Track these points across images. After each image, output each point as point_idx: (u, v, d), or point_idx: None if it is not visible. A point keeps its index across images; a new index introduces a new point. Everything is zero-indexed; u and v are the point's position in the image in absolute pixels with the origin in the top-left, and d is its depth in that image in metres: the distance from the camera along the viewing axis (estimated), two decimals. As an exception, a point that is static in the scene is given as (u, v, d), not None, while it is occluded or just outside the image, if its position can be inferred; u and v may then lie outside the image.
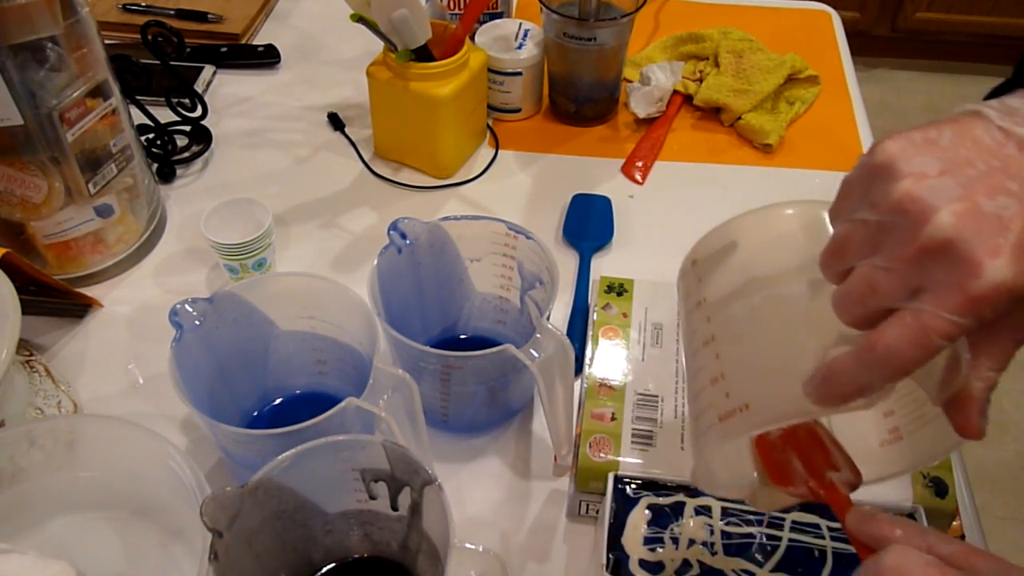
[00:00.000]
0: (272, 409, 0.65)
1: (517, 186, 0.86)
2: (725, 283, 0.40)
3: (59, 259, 0.73)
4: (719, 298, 0.41)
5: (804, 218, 0.39)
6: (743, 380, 0.38)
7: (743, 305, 0.39)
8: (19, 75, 0.62)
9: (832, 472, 0.40)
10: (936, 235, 0.31)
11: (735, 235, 0.41)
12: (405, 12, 0.74)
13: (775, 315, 0.38)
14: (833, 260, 0.35)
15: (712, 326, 0.41)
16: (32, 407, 0.63)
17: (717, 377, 0.39)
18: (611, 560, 0.50)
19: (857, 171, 0.34)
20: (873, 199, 0.33)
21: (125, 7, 1.03)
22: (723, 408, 0.38)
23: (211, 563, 0.43)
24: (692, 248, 0.44)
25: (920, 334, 0.31)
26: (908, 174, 0.32)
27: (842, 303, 0.34)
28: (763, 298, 0.38)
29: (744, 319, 0.39)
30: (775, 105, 0.93)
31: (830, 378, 0.34)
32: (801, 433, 0.41)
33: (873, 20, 2.37)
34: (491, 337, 0.70)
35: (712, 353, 0.40)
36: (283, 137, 0.91)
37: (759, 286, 0.39)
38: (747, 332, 0.39)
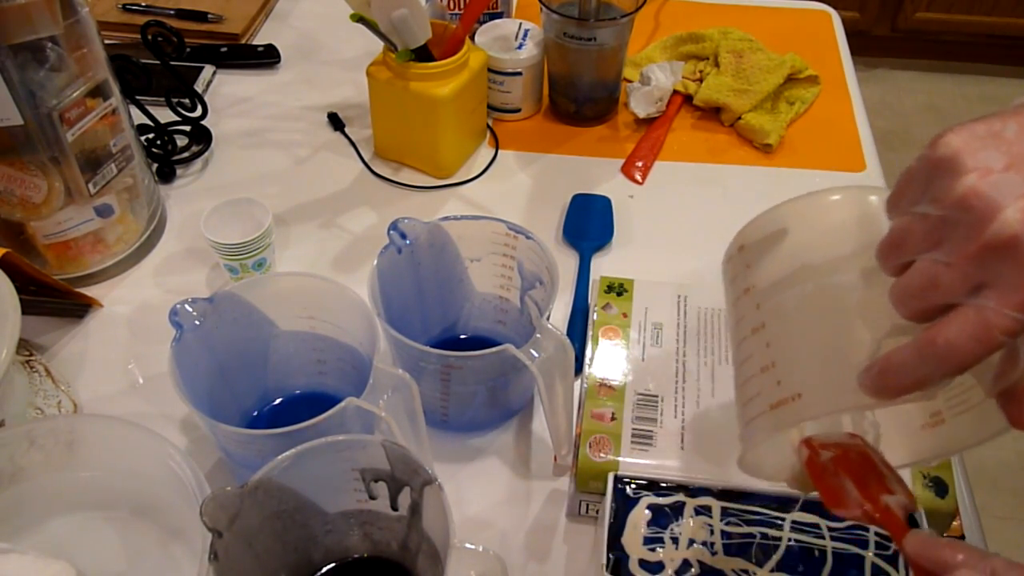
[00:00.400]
0: (272, 409, 0.65)
1: (517, 186, 0.86)
2: (775, 270, 0.40)
3: (59, 259, 0.73)
4: (769, 285, 0.40)
5: (856, 205, 0.39)
6: (795, 369, 0.38)
7: (794, 293, 0.39)
8: (19, 75, 0.62)
9: (887, 496, 0.39)
10: (1002, 233, 0.30)
11: (785, 221, 0.41)
12: (405, 12, 0.74)
13: (828, 304, 0.38)
14: (892, 253, 0.35)
15: (762, 313, 0.40)
16: (32, 407, 0.63)
17: (768, 365, 0.39)
18: (611, 560, 0.50)
19: (918, 163, 0.34)
20: (935, 193, 0.32)
21: (125, 7, 1.03)
22: (774, 397, 0.38)
23: (211, 563, 0.43)
24: (738, 233, 0.43)
25: (982, 330, 0.31)
26: (972, 169, 0.31)
27: (901, 297, 0.34)
28: (815, 286, 0.38)
29: (795, 307, 0.39)
30: (775, 105, 0.93)
31: (888, 370, 0.34)
32: (853, 455, 0.41)
33: (873, 20, 2.37)
34: (491, 337, 0.70)
35: (762, 341, 0.40)
36: (283, 137, 0.91)
37: (811, 274, 0.38)
38: (798, 321, 0.39)
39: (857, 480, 0.40)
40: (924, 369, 0.33)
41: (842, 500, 0.40)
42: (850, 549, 0.50)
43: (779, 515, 0.52)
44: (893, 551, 0.50)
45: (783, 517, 0.52)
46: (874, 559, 0.50)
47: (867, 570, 0.49)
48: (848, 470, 0.40)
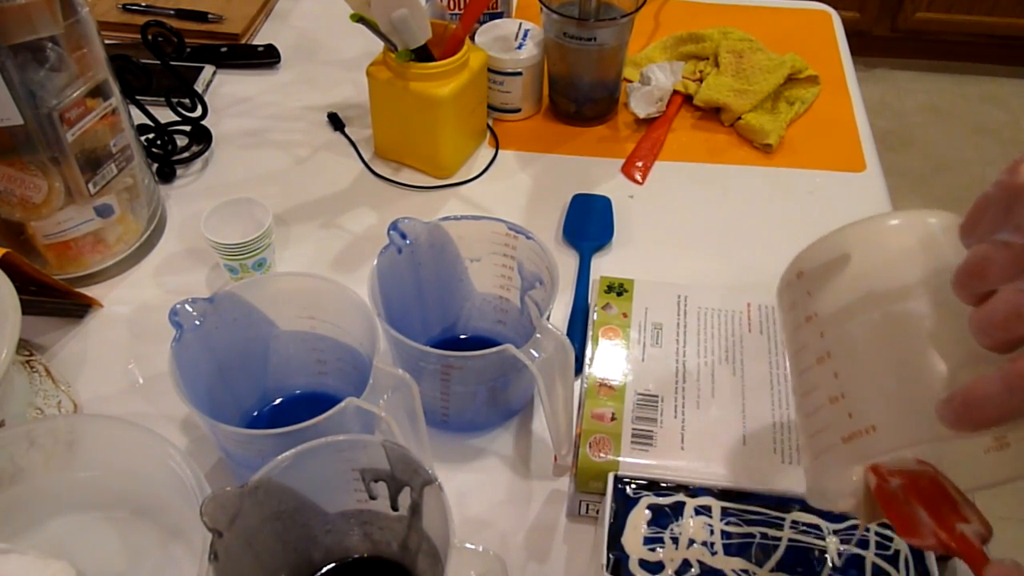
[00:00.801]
0: (272, 409, 0.65)
1: (517, 186, 0.86)
2: (839, 297, 0.39)
3: (59, 259, 0.73)
4: (833, 313, 0.39)
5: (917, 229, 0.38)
6: (867, 400, 0.37)
7: (861, 321, 0.38)
8: (19, 75, 0.62)
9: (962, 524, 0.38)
10: None
11: (846, 247, 0.40)
12: (405, 12, 0.74)
13: (898, 332, 0.37)
14: (971, 281, 0.34)
15: (827, 342, 0.39)
16: (32, 407, 0.63)
17: (837, 396, 0.38)
18: (611, 560, 0.50)
19: (996, 189, 0.33)
20: (1019, 221, 0.32)
21: (125, 7, 1.04)
22: (846, 429, 0.37)
23: (211, 563, 0.43)
24: (795, 259, 0.43)
25: None
26: None
27: (983, 327, 0.33)
28: (883, 314, 0.37)
29: (863, 336, 0.38)
30: (775, 105, 0.93)
31: (971, 403, 0.32)
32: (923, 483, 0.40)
33: (873, 20, 2.37)
34: (491, 337, 0.70)
35: (829, 371, 0.39)
36: (283, 137, 0.91)
37: (878, 301, 0.37)
38: (868, 350, 0.38)
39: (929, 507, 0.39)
40: (1012, 402, 0.31)
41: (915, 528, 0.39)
42: (850, 549, 0.50)
43: (779, 515, 0.52)
44: (893, 551, 0.50)
45: (783, 517, 0.52)
46: (874, 559, 0.50)
47: (867, 570, 0.49)
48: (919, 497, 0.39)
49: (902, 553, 0.50)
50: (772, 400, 0.58)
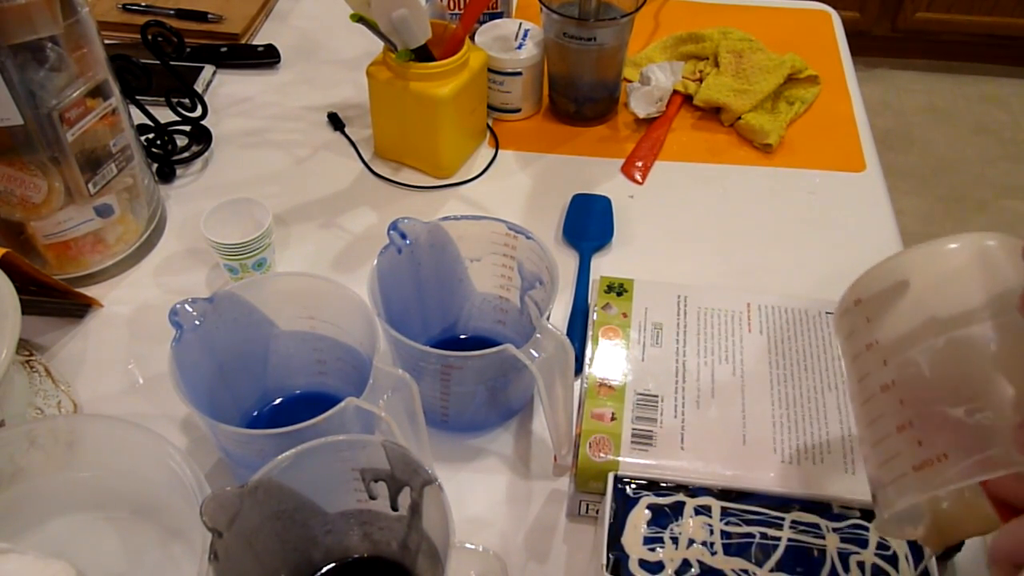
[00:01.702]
0: (272, 409, 0.65)
1: (517, 186, 0.86)
2: (901, 324, 0.39)
3: (59, 259, 0.73)
4: (895, 339, 0.39)
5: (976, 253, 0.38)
6: (936, 428, 0.37)
7: (926, 348, 0.38)
8: (19, 75, 0.62)
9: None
10: None
11: (904, 272, 0.40)
12: (405, 12, 0.74)
13: (964, 358, 0.36)
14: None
15: (890, 370, 0.39)
16: (32, 407, 0.63)
17: (904, 424, 0.38)
18: (611, 560, 0.50)
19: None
20: None
21: (125, 7, 1.04)
22: (917, 458, 0.37)
23: (211, 563, 0.43)
24: (852, 286, 0.42)
25: None
26: None
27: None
28: (947, 340, 0.37)
29: (928, 363, 0.37)
30: (775, 105, 0.93)
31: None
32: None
33: (873, 20, 2.37)
34: (491, 337, 0.70)
35: (894, 399, 0.39)
36: (283, 137, 0.91)
37: (941, 327, 0.37)
38: (933, 376, 0.37)
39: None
40: None
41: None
42: (850, 549, 0.50)
43: (779, 515, 0.52)
44: (893, 551, 0.50)
45: (783, 517, 0.52)
46: (874, 559, 0.50)
47: (867, 570, 0.49)
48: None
49: (902, 553, 0.50)
50: (772, 400, 0.58)
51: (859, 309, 0.42)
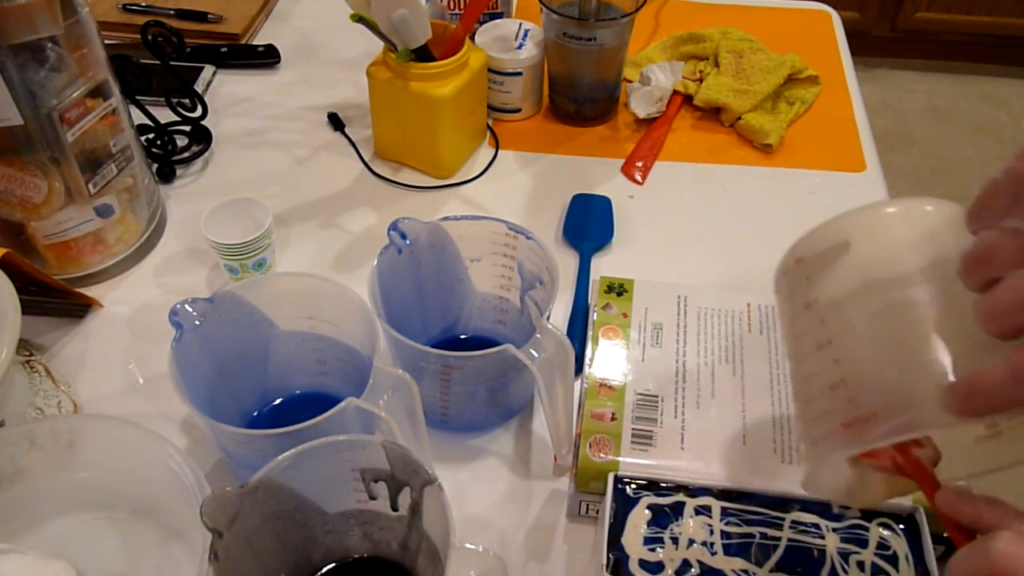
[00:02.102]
0: (272, 409, 0.65)
1: (517, 186, 0.86)
2: (839, 284, 0.39)
3: (59, 259, 0.73)
4: (833, 300, 0.39)
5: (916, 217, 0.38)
6: (868, 387, 0.37)
7: (863, 308, 0.38)
8: (19, 75, 0.62)
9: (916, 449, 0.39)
10: None
11: (847, 234, 0.40)
12: (405, 12, 0.74)
13: (900, 320, 0.37)
14: (978, 268, 0.34)
15: (828, 329, 0.39)
16: (32, 407, 0.63)
17: (837, 383, 0.38)
18: (611, 560, 0.50)
19: (1005, 176, 0.33)
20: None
21: (125, 7, 1.04)
22: (847, 415, 0.37)
23: (211, 563, 0.43)
24: (794, 246, 0.43)
25: None
26: None
27: (990, 314, 0.33)
28: (885, 301, 0.37)
29: (865, 323, 0.38)
30: (775, 105, 0.93)
31: (975, 392, 0.33)
32: None
33: (873, 20, 2.37)
34: (491, 337, 0.70)
35: (829, 358, 0.39)
36: (283, 137, 0.91)
37: (879, 288, 0.37)
38: (869, 337, 0.38)
39: None
40: (1017, 391, 0.31)
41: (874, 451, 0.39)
42: (850, 549, 0.50)
43: (779, 515, 0.52)
44: (893, 551, 0.50)
45: (783, 517, 0.52)
46: (874, 559, 0.50)
47: (867, 570, 0.49)
48: None
49: (902, 553, 0.50)
50: (772, 400, 0.58)
51: (800, 269, 0.42)
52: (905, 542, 0.50)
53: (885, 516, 0.52)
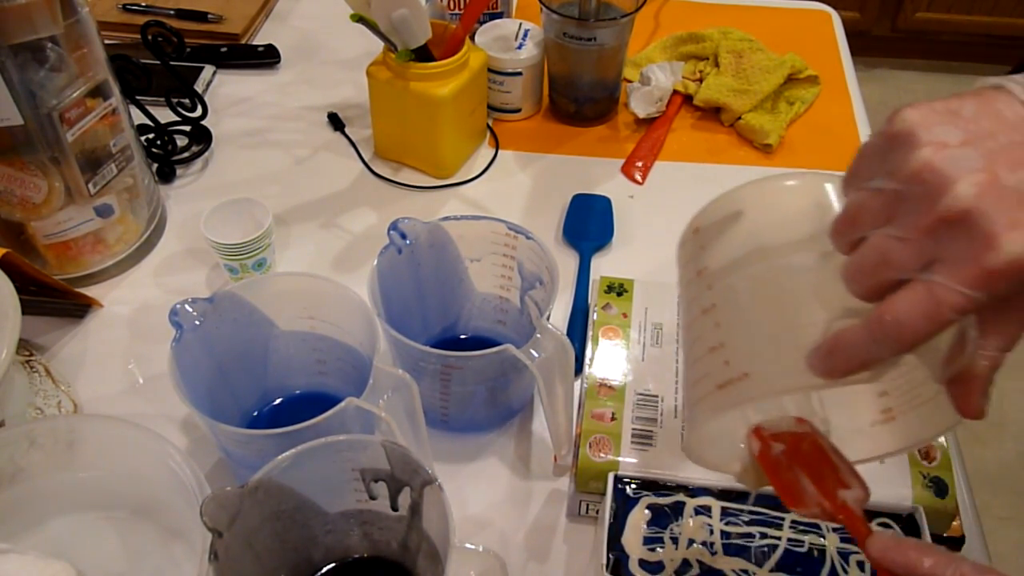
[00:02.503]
0: (272, 409, 0.65)
1: (517, 186, 0.86)
2: (729, 252, 0.40)
3: (59, 259, 0.73)
4: (722, 266, 0.40)
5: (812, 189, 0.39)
6: (743, 349, 0.38)
7: (747, 274, 0.38)
8: (19, 75, 0.62)
9: (843, 491, 0.39)
10: (954, 206, 0.30)
11: (740, 204, 0.40)
12: (405, 12, 0.74)
13: (780, 285, 0.37)
14: (845, 229, 0.34)
15: (713, 294, 0.40)
16: (32, 407, 0.63)
17: (716, 346, 0.39)
18: (611, 560, 0.50)
19: (874, 139, 0.34)
20: (890, 167, 0.32)
21: (125, 7, 1.03)
22: (721, 377, 0.38)
23: (211, 563, 0.43)
24: (694, 217, 0.43)
25: (932, 307, 0.30)
26: (928, 143, 0.31)
27: (853, 273, 0.33)
28: (768, 268, 0.38)
29: (747, 288, 0.38)
30: (775, 105, 0.93)
31: (836, 350, 0.33)
32: (805, 446, 0.41)
33: (873, 20, 2.37)
34: (491, 337, 0.70)
35: (712, 321, 0.39)
36: (283, 137, 0.91)
37: (764, 255, 0.38)
38: (750, 301, 0.38)
39: (812, 474, 0.40)
40: (873, 348, 0.32)
41: (799, 498, 0.39)
42: (850, 549, 0.50)
43: (779, 515, 0.52)
44: (893, 551, 0.50)
45: (783, 517, 0.52)
46: (874, 559, 0.50)
47: (867, 570, 0.49)
48: (802, 463, 0.40)
49: (902, 553, 0.50)
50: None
51: (696, 238, 0.42)
52: (905, 542, 0.50)
53: (885, 516, 0.52)
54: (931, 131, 0.31)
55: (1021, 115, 0.32)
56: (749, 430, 0.42)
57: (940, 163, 0.31)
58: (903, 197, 0.32)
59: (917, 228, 0.31)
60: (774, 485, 0.41)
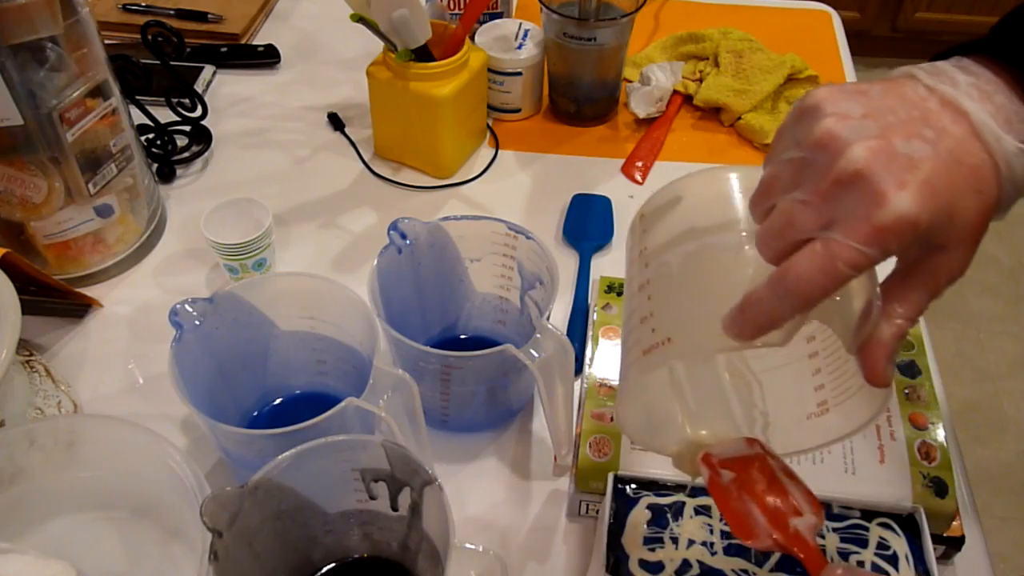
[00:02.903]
0: (272, 409, 0.65)
1: (517, 186, 0.86)
2: (665, 233, 0.42)
3: (59, 259, 0.73)
4: (658, 246, 0.42)
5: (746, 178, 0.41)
6: (669, 317, 0.40)
7: (679, 252, 0.41)
8: (19, 75, 0.62)
9: (795, 519, 0.40)
10: (848, 167, 0.32)
11: (681, 191, 0.43)
12: (405, 12, 0.74)
13: (707, 261, 0.40)
14: (760, 199, 0.37)
15: (648, 271, 0.42)
16: (32, 407, 0.63)
17: (646, 316, 0.41)
18: (611, 560, 0.50)
19: (788, 116, 0.37)
20: (799, 137, 0.35)
21: (125, 7, 1.04)
22: (647, 343, 0.40)
23: (211, 563, 0.43)
24: (642, 206, 0.45)
25: (827, 262, 0.33)
26: (832, 114, 0.34)
27: (763, 238, 0.35)
28: (698, 246, 0.40)
29: (678, 264, 0.41)
30: (775, 105, 0.93)
31: (745, 309, 0.35)
32: (754, 472, 0.42)
33: (873, 20, 2.37)
34: (491, 337, 0.70)
35: (645, 295, 0.42)
36: (283, 137, 0.91)
37: (696, 235, 0.40)
38: (679, 276, 0.40)
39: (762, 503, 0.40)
40: (777, 304, 0.34)
41: (751, 531, 0.40)
42: (850, 549, 0.50)
43: (779, 515, 0.52)
44: (892, 551, 0.50)
45: (783, 517, 0.51)
46: (874, 559, 0.50)
47: (867, 570, 0.49)
48: (751, 491, 0.41)
49: (902, 553, 0.50)
50: (772, 400, 0.58)
51: (641, 223, 0.45)
52: (905, 542, 0.50)
53: (885, 516, 0.52)
54: (836, 105, 0.34)
55: (922, 95, 0.35)
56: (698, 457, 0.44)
57: (840, 130, 0.33)
58: (807, 164, 0.34)
59: (817, 191, 0.33)
60: (725, 517, 0.42)
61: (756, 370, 0.48)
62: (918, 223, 0.32)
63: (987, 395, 1.69)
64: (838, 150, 0.33)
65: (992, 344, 1.79)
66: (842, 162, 0.32)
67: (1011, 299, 1.89)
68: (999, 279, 1.93)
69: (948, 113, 0.34)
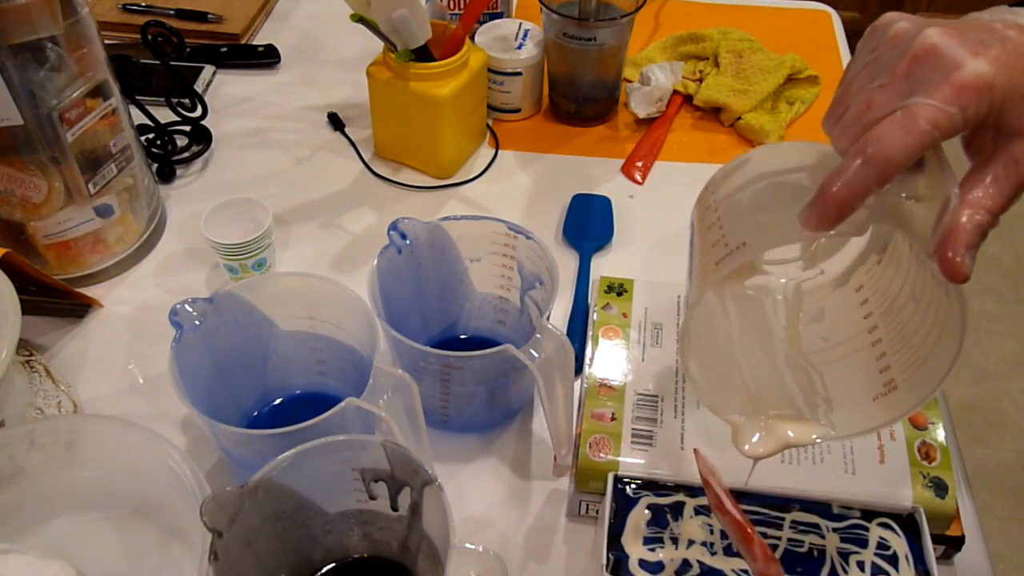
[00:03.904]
0: (272, 409, 0.65)
1: (517, 186, 0.86)
2: (735, 182, 0.44)
3: (59, 259, 0.73)
4: (728, 192, 0.44)
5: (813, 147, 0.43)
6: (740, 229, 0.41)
7: (750, 189, 0.43)
8: (19, 75, 0.62)
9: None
10: (924, 43, 0.34)
11: (747, 156, 0.45)
12: (405, 12, 0.74)
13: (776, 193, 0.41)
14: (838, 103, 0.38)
15: (718, 213, 0.44)
16: (32, 407, 0.63)
17: (717, 240, 0.42)
18: (611, 560, 0.50)
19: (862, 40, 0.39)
20: (872, 45, 0.38)
21: (125, 7, 1.04)
22: (720, 254, 0.41)
23: (211, 563, 0.43)
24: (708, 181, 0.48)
25: (909, 121, 0.34)
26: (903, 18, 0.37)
27: (842, 129, 0.36)
28: (768, 183, 0.42)
29: (749, 197, 0.43)
30: (775, 105, 0.93)
31: (824, 190, 0.35)
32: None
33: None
34: (491, 337, 0.70)
35: (717, 227, 0.43)
36: (283, 137, 0.91)
37: (766, 176, 0.43)
38: (750, 203, 0.42)
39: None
40: (860, 171, 0.35)
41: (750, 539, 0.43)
42: (850, 549, 0.50)
43: (779, 515, 0.52)
44: (892, 551, 0.50)
45: (783, 517, 0.52)
46: (874, 559, 0.50)
47: (867, 570, 0.49)
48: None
49: (902, 553, 0.50)
50: (772, 400, 0.58)
51: (708, 190, 0.47)
52: (905, 542, 0.50)
53: (885, 516, 0.52)
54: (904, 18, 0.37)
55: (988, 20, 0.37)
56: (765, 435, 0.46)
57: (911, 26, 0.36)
58: (882, 59, 0.36)
59: (894, 72, 0.35)
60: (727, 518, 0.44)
61: (817, 363, 0.48)
62: (994, 85, 0.33)
63: (987, 395, 1.69)
64: (912, 36, 0.35)
65: (992, 344, 1.79)
66: (917, 40, 0.34)
67: (1011, 299, 1.89)
68: (999, 279, 1.93)
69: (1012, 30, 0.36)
